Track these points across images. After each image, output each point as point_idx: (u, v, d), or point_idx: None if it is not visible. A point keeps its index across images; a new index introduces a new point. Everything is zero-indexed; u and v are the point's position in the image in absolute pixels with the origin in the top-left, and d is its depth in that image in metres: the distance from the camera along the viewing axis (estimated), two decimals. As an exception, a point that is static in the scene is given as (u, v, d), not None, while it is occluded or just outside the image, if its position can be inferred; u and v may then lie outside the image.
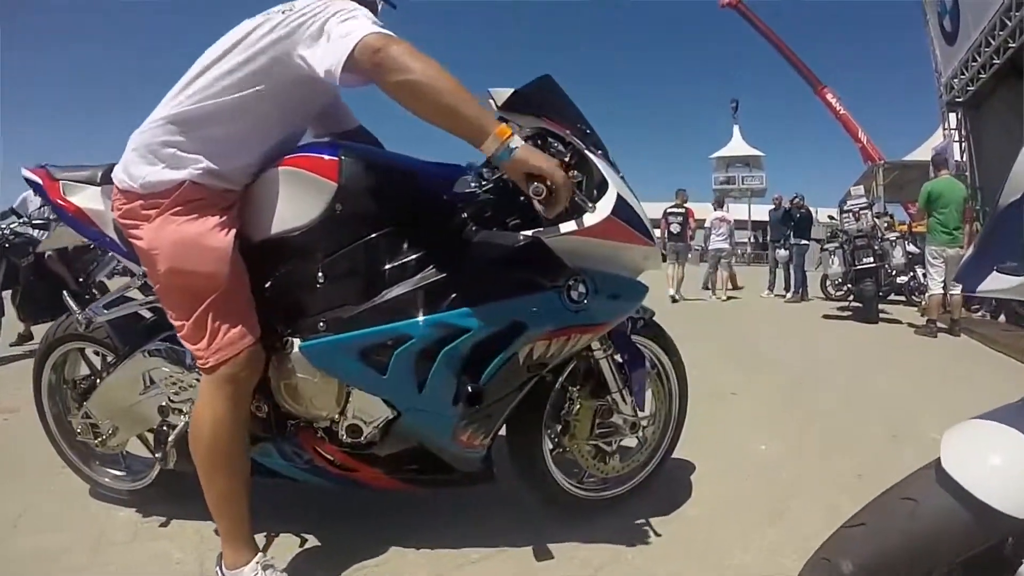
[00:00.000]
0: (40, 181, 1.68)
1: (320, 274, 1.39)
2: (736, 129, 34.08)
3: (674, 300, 8.65)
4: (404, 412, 1.43)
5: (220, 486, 1.41)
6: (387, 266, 1.40)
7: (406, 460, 1.55)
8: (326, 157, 1.39)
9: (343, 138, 1.67)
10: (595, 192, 1.41)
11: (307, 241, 1.39)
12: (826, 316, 7.45)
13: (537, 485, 1.69)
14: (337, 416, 1.46)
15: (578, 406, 1.65)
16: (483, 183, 1.47)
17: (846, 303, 8.02)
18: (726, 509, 1.88)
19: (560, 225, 1.37)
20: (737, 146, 33.70)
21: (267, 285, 1.44)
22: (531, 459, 1.65)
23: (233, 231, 1.39)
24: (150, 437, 1.88)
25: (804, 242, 9.59)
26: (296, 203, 1.39)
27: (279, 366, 1.44)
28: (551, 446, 1.70)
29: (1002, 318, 6.64)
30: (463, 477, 1.59)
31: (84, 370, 1.95)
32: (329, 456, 1.52)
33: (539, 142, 1.40)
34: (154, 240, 1.35)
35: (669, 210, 9.30)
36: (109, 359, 1.80)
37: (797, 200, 9.95)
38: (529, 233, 1.38)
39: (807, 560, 0.87)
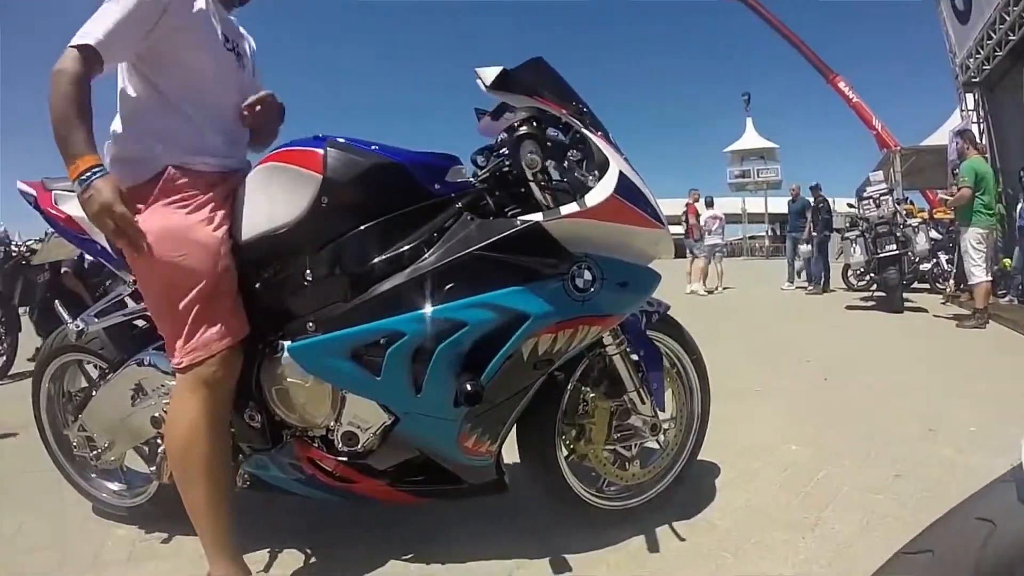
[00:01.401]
0: (35, 193, 1.66)
1: (308, 271, 1.31)
2: (749, 122, 34.28)
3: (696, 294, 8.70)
4: (402, 417, 1.33)
5: (197, 494, 1.34)
6: (377, 260, 1.31)
7: (409, 470, 1.44)
8: (309, 149, 1.32)
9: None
10: (596, 173, 1.32)
11: (294, 238, 1.32)
12: (849, 307, 7.17)
13: (552, 493, 1.58)
14: (332, 423, 1.37)
15: (593, 408, 1.53)
16: (479, 172, 1.40)
17: (869, 293, 7.73)
18: (756, 517, 1.74)
19: (560, 208, 1.29)
20: (751, 139, 33.84)
21: (256, 286, 1.37)
22: (545, 467, 1.54)
23: (223, 229, 1.35)
24: (147, 450, 1.82)
25: (825, 233, 9.36)
26: (282, 199, 1.33)
27: (270, 371, 1.37)
28: (566, 453, 1.58)
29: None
30: (472, 488, 1.48)
31: (82, 382, 1.90)
32: (326, 467, 1.42)
33: (533, 123, 1.32)
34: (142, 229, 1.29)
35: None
36: (103, 370, 1.74)
37: (817, 193, 9.76)
38: (528, 218, 1.29)
39: None
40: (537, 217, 1.29)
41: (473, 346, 1.27)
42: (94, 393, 1.71)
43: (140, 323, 1.72)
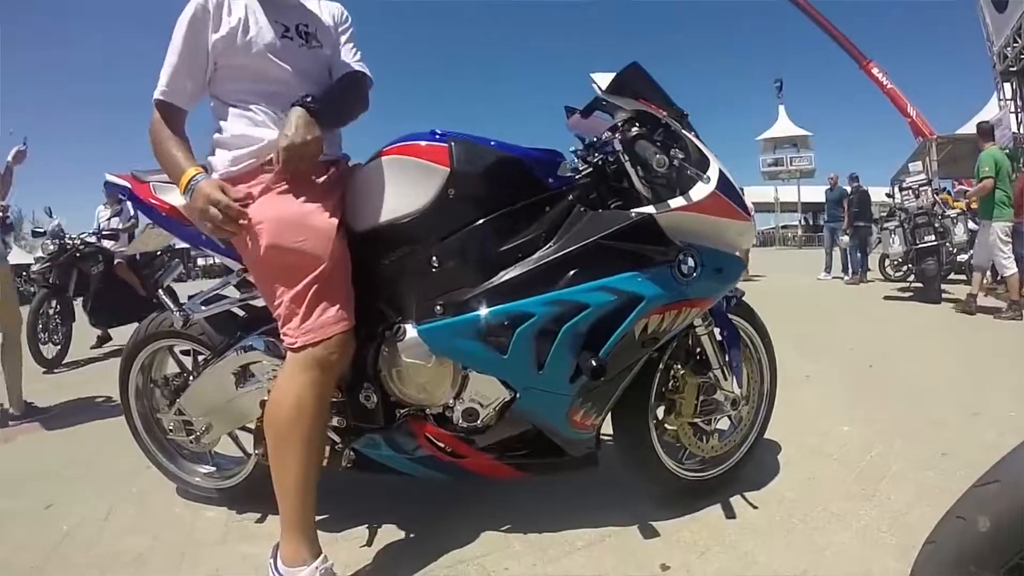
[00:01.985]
0: (128, 185, 1.72)
1: (434, 259, 1.40)
2: (782, 109, 33.55)
3: None
4: (521, 392, 1.43)
5: (291, 472, 1.36)
6: (501, 248, 1.40)
7: (516, 445, 1.55)
8: (436, 144, 1.41)
9: None
10: (693, 170, 1.42)
11: (420, 227, 1.40)
12: (887, 297, 7.25)
13: (643, 466, 1.69)
14: (452, 400, 1.46)
15: (683, 383, 1.65)
16: (583, 168, 1.50)
17: (906, 283, 7.76)
18: (818, 489, 1.87)
19: (670, 201, 1.39)
20: (784, 127, 33.09)
21: (375, 272, 1.45)
22: (639, 439, 1.64)
23: (337, 216, 1.41)
24: (241, 435, 1.90)
25: (863, 223, 9.31)
26: (407, 190, 1.41)
27: (391, 353, 1.45)
28: (656, 425, 1.69)
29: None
30: (570, 462, 1.58)
31: (173, 368, 1.95)
32: (440, 443, 1.51)
33: (637, 124, 1.43)
34: (257, 217, 1.37)
35: None
36: (201, 356, 1.80)
37: (855, 183, 9.65)
38: (642, 210, 1.40)
39: (938, 522, 0.85)
40: (650, 210, 1.39)
41: (592, 326, 1.37)
42: (194, 378, 1.76)
43: (241, 312, 1.78)
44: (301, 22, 1.54)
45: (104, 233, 5.67)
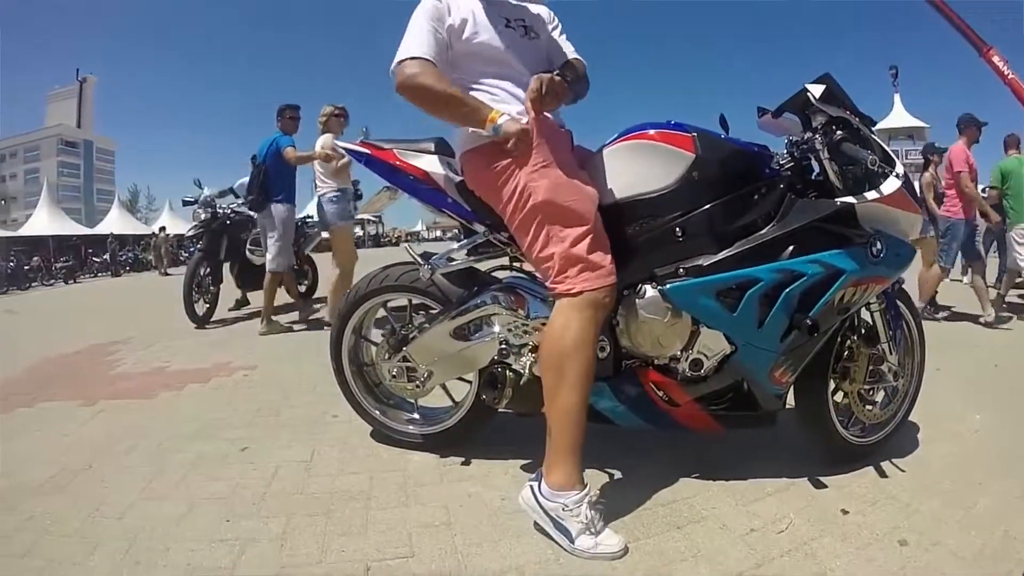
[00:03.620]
0: (367, 151, 1.99)
1: (678, 230, 1.67)
2: (897, 98, 31.98)
3: None
4: (740, 347, 1.69)
5: (565, 401, 1.55)
6: (732, 224, 1.68)
7: (721, 397, 1.81)
8: (682, 133, 1.69)
9: None
10: (887, 168, 1.70)
11: (664, 202, 1.68)
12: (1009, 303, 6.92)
13: (817, 424, 1.93)
14: (679, 352, 1.72)
15: (858, 353, 1.90)
16: (786, 161, 1.78)
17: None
18: (959, 461, 2.07)
19: (866, 194, 1.67)
20: (899, 117, 31.53)
21: (620, 240, 1.71)
22: (818, 400, 1.89)
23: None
24: (453, 385, 2.15)
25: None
26: (656, 171, 1.69)
27: (630, 309, 1.71)
28: (832, 389, 1.93)
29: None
30: (757, 419, 1.83)
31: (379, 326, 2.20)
32: (660, 391, 1.77)
33: (841, 126, 1.72)
34: (530, 180, 1.62)
35: None
36: (431, 310, 2.04)
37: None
38: (845, 200, 1.67)
39: None
40: (851, 200, 1.66)
41: (805, 292, 1.64)
42: (419, 331, 1.99)
43: (474, 271, 2.00)
44: (518, 17, 1.84)
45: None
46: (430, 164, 1.93)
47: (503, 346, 1.89)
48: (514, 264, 2.01)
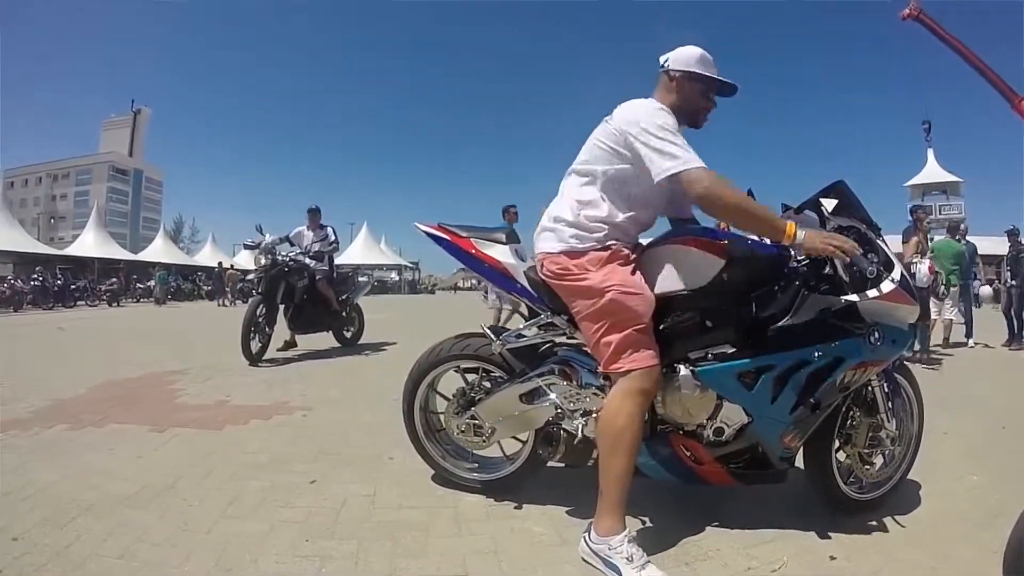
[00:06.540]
0: (446, 237, 2.33)
1: (708, 322, 2.02)
2: (930, 153, 32.23)
3: None
4: (756, 418, 2.02)
5: (617, 466, 1.88)
6: (753, 316, 2.01)
7: (739, 457, 2.13)
8: (717, 241, 2.02)
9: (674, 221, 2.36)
10: (884, 272, 2.01)
11: (698, 298, 2.01)
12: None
13: (821, 480, 2.24)
14: (705, 421, 2.05)
15: (859, 422, 2.23)
16: (802, 259, 2.09)
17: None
18: (948, 517, 2.34)
19: (867, 292, 1.99)
20: (933, 172, 31.77)
21: (657, 327, 2.03)
22: (823, 460, 2.21)
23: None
24: (510, 443, 2.45)
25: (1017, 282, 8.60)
26: (689, 271, 2.03)
27: (667, 385, 2.04)
28: (836, 449, 2.23)
29: None
30: (770, 475, 2.14)
31: (453, 386, 2.51)
32: (688, 452, 2.10)
33: (848, 234, 2.03)
34: (606, 280, 1.95)
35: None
36: (496, 376, 2.39)
37: (1014, 238, 8.87)
38: (848, 298, 2.00)
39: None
40: (854, 298, 1.98)
41: (811, 375, 1.97)
42: (487, 393, 2.34)
43: (536, 345, 2.34)
44: None
45: (312, 254, 6.67)
46: (502, 254, 2.28)
47: (558, 410, 2.22)
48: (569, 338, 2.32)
